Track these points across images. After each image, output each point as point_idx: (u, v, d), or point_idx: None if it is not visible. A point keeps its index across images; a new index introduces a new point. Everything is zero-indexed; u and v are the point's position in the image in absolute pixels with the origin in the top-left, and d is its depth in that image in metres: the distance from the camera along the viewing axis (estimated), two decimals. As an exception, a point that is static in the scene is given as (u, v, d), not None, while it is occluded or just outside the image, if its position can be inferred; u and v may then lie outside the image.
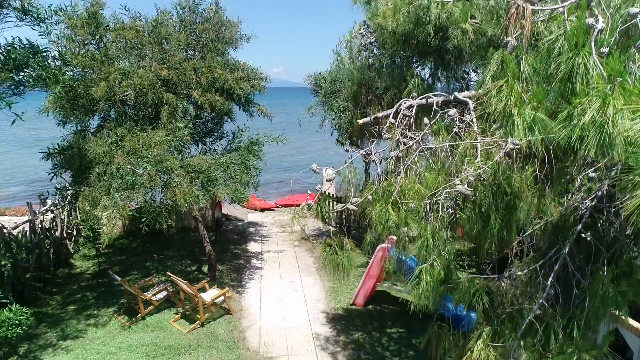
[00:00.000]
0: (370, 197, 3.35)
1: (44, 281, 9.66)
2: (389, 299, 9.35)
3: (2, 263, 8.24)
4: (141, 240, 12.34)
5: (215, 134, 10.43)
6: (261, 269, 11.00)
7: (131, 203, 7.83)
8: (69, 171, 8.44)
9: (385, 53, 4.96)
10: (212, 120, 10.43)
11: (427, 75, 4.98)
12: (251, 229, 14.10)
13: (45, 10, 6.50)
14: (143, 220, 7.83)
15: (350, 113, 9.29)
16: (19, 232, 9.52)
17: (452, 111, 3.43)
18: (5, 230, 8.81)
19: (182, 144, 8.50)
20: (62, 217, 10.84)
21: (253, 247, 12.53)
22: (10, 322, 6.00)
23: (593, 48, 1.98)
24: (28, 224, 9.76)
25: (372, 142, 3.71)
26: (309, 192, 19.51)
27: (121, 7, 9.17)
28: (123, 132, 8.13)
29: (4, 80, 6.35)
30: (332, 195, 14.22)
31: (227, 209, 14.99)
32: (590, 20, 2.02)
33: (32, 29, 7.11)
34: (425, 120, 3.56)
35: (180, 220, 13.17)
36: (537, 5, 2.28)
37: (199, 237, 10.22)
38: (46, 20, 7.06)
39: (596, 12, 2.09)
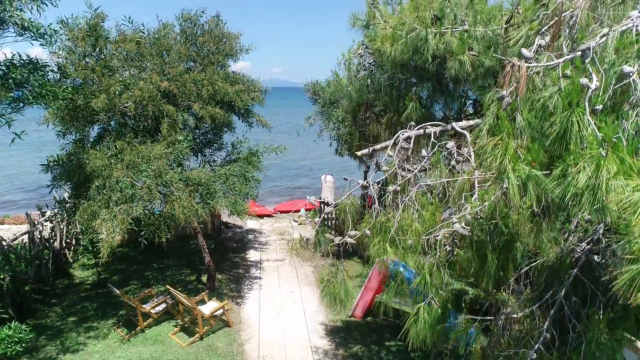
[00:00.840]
0: (368, 232, 3.38)
1: (43, 293, 9.67)
2: (387, 310, 9.37)
3: (2, 276, 8.25)
4: (141, 248, 12.35)
5: (214, 144, 10.45)
6: (260, 278, 11.02)
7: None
8: (69, 183, 8.46)
9: (384, 74, 4.98)
10: (211, 131, 10.45)
11: (425, 96, 4.99)
12: (250, 237, 14.12)
13: (45, 29, 6.50)
14: (142, 233, 7.86)
15: (349, 124, 9.31)
16: (17, 244, 9.53)
17: (450, 144, 3.45)
18: (4, 243, 8.82)
19: (181, 156, 8.53)
20: (61, 226, 10.86)
21: (252, 255, 12.56)
22: (10, 340, 6.01)
23: (587, 107, 2.00)
24: (27, 235, 9.77)
25: (371, 167, 3.73)
26: (307, 197, 19.56)
27: (124, 19, 9.21)
28: (122, 145, 8.15)
29: (3, 100, 6.36)
30: (331, 203, 14.27)
31: (226, 216, 15.01)
32: (584, 81, 2.04)
33: (31, 43, 7.14)
34: (424, 152, 3.59)
35: (180, 228, 13.19)
36: (532, 62, 2.30)
37: (199, 246, 10.24)
38: (46, 36, 7.08)
39: (590, 70, 2.12)
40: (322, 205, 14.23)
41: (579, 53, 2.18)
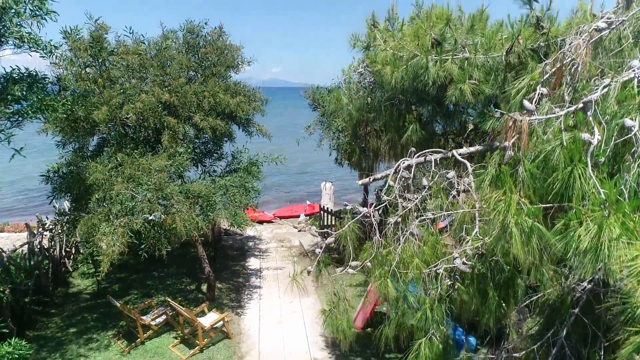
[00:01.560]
0: (369, 263, 3.39)
1: (43, 303, 9.66)
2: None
3: (2, 289, 8.24)
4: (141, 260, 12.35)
5: (214, 154, 10.44)
6: (260, 287, 11.02)
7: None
8: (69, 195, 8.45)
9: (384, 94, 4.98)
10: (212, 141, 10.45)
11: (425, 116, 4.99)
12: (250, 244, 14.12)
13: (46, 46, 6.49)
14: (142, 246, 7.86)
15: (349, 135, 9.31)
16: (17, 254, 9.52)
17: (451, 174, 3.46)
18: (4, 255, 8.82)
19: (182, 169, 8.52)
20: (61, 235, 10.84)
21: (252, 263, 12.56)
22: (10, 357, 6.00)
23: (589, 162, 2.01)
24: (27, 246, 9.76)
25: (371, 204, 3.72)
26: (307, 202, 19.62)
27: (125, 30, 9.21)
28: (123, 158, 8.14)
29: (2, 116, 6.35)
30: (330, 209, 14.27)
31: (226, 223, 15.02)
32: (585, 136, 2.05)
33: (30, 55, 7.11)
34: (424, 181, 3.59)
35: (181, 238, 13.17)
36: (534, 114, 2.30)
37: (199, 255, 10.23)
38: (45, 48, 7.05)
39: (592, 124, 2.12)
40: (322, 212, 14.23)
41: (580, 105, 2.19)
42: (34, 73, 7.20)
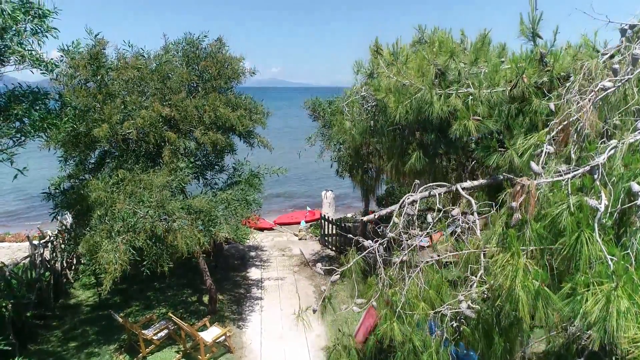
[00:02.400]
0: (374, 303, 3.40)
1: (44, 317, 9.66)
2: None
3: (4, 304, 8.25)
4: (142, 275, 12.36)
5: (216, 166, 10.45)
6: (262, 299, 11.03)
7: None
8: (71, 211, 8.46)
9: (387, 120, 4.99)
10: (213, 153, 10.45)
11: (428, 143, 4.99)
12: (252, 253, 14.12)
13: (47, 65, 6.49)
14: (145, 263, 7.86)
15: (350, 147, 9.31)
16: (19, 267, 9.52)
17: (456, 211, 3.47)
18: (6, 269, 8.82)
19: (183, 184, 8.53)
20: (62, 247, 10.84)
21: (253, 273, 12.56)
22: (13, 378, 6.02)
23: (596, 229, 2.03)
24: (29, 259, 9.76)
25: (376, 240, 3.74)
26: (307, 208, 19.64)
27: (124, 43, 9.21)
28: (125, 174, 8.14)
29: (5, 135, 6.36)
30: (331, 218, 14.29)
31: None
32: (593, 202, 2.06)
33: (31, 71, 7.10)
34: (429, 218, 3.60)
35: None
36: (541, 177, 2.32)
37: (200, 269, 10.23)
38: (46, 65, 7.05)
39: (599, 188, 2.14)
40: (322, 220, 14.24)
41: (587, 169, 2.20)
42: (36, 90, 7.21)
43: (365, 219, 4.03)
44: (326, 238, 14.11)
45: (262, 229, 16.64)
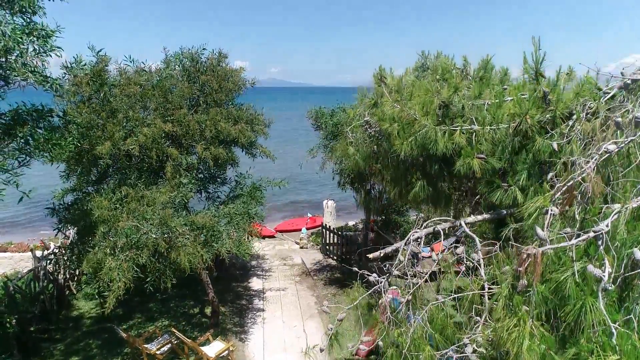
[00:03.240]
0: (380, 343, 3.45)
1: (47, 331, 9.70)
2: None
3: (9, 319, 8.30)
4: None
5: (218, 179, 10.48)
6: (264, 310, 11.07)
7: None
8: (74, 227, 8.50)
9: (390, 147, 5.03)
10: (214, 166, 10.49)
11: (432, 172, 5.03)
12: (253, 262, 14.17)
13: (52, 85, 6.51)
14: (148, 280, 7.90)
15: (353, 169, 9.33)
16: (22, 281, 9.56)
17: (460, 249, 3.52)
18: (10, 284, 8.86)
19: (186, 200, 8.57)
20: (65, 258, 10.88)
21: (255, 284, 12.61)
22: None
23: (600, 297, 2.07)
24: (32, 272, 9.81)
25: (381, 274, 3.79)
26: (308, 214, 19.62)
27: (126, 58, 9.23)
28: (127, 191, 8.18)
29: (10, 157, 6.39)
30: (332, 228, 14.34)
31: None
32: (597, 272, 2.10)
33: (35, 88, 7.12)
34: (434, 255, 3.65)
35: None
36: (547, 243, 2.36)
37: (202, 282, 10.28)
38: (50, 84, 7.07)
39: (603, 255, 2.18)
40: (324, 230, 14.29)
41: (591, 234, 2.25)
42: (40, 107, 7.25)
43: (371, 256, 4.07)
44: (327, 247, 14.16)
45: (263, 237, 16.69)
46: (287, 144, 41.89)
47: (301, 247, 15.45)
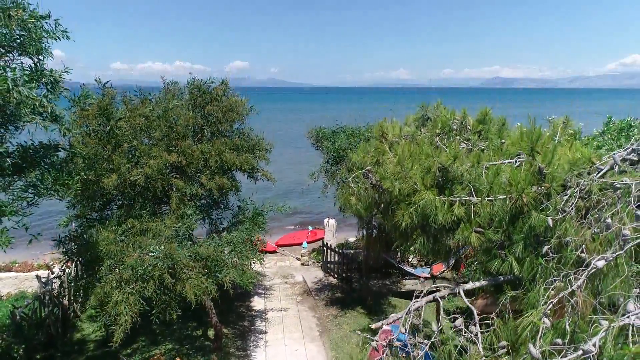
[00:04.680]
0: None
1: (53, 358, 9.84)
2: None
3: (15, 348, 8.44)
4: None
5: (221, 205, 10.65)
6: (265, 332, 11.22)
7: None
8: (80, 259, 8.64)
9: (392, 200, 5.18)
10: (217, 192, 10.65)
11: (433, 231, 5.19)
12: (253, 280, 14.29)
13: (61, 128, 6.65)
14: (154, 312, 8.05)
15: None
16: (29, 309, 9.70)
17: (459, 321, 3.68)
18: (17, 312, 9.01)
19: (190, 231, 8.72)
20: (69, 280, 11.02)
21: (257, 303, 12.75)
22: None
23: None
24: (38, 299, 9.94)
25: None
26: (309, 227, 19.74)
27: (135, 90, 9.40)
28: (133, 223, 8.33)
29: (21, 199, 6.54)
30: (334, 246, 14.51)
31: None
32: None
33: (44, 127, 7.24)
34: (434, 326, 3.81)
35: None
36: None
37: (206, 308, 10.42)
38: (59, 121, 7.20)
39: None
40: (324, 248, 14.45)
41: (580, 353, 2.41)
42: (47, 143, 7.38)
43: (374, 326, 4.23)
44: (328, 265, 14.32)
45: (264, 252, 16.83)
46: (288, 147, 42.06)
47: (302, 264, 15.60)
